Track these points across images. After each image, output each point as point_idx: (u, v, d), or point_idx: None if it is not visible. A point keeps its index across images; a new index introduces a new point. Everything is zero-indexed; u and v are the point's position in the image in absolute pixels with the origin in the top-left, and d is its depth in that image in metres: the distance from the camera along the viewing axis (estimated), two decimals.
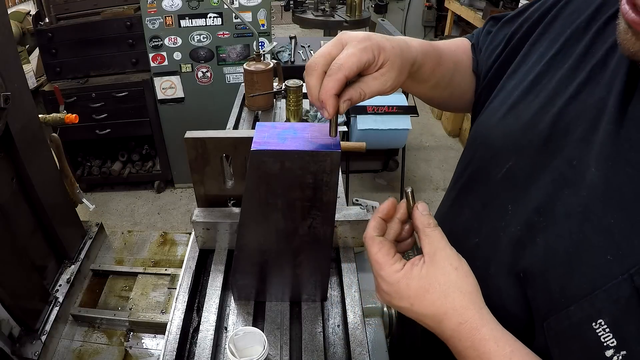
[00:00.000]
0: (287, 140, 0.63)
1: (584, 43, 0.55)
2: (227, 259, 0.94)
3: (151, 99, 2.82)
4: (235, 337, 0.72)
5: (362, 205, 1.14)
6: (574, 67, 0.54)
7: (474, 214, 0.64)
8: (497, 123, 0.62)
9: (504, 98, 0.63)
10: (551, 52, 0.58)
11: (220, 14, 2.59)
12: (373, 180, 3.45)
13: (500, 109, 0.63)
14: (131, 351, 1.61)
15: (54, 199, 1.65)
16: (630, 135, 0.45)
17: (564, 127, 0.52)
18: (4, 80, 1.32)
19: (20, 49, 2.52)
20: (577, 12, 0.58)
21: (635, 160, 0.44)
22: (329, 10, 3.76)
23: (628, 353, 0.40)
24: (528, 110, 0.57)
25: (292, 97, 1.49)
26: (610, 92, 0.48)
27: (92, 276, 1.86)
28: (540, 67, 0.59)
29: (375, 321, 0.98)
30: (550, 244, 0.49)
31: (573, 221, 0.47)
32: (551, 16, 0.62)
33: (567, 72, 0.55)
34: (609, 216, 0.44)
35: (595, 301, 0.43)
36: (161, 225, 2.96)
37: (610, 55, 0.51)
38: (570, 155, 0.50)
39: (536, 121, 0.55)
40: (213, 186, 0.94)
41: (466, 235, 0.64)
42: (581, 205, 0.47)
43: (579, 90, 0.52)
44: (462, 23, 4.55)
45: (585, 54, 0.54)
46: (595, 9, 0.56)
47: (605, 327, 0.42)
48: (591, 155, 0.48)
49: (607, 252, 0.43)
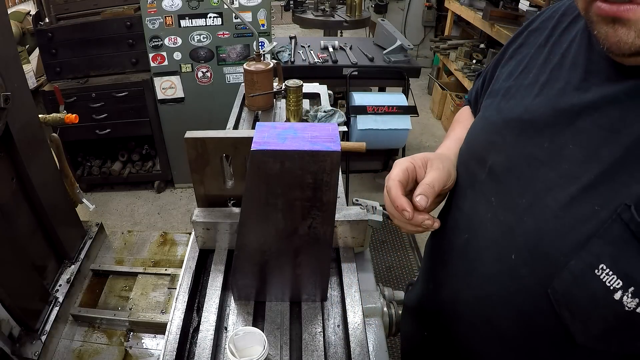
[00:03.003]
0: (287, 140, 0.63)
1: (544, 55, 0.64)
2: (227, 259, 0.94)
3: (151, 99, 2.82)
4: (235, 337, 0.72)
5: (362, 205, 1.14)
6: (537, 73, 0.63)
7: (462, 214, 0.69)
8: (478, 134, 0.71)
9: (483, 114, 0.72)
10: (518, 69, 0.67)
11: (220, 14, 2.59)
12: (373, 180, 3.45)
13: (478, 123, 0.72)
14: (131, 351, 1.61)
15: (54, 199, 1.65)
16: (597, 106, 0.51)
17: (530, 118, 0.59)
18: (4, 80, 1.32)
19: (20, 49, 2.52)
20: (538, 36, 0.67)
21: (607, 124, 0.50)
22: (329, 10, 3.76)
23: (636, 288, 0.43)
24: (500, 115, 0.65)
25: (292, 97, 1.49)
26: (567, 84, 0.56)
27: (92, 276, 1.86)
28: (510, 82, 0.67)
29: (375, 321, 0.98)
30: (539, 217, 0.53)
31: (557, 191, 0.52)
32: (517, 44, 0.71)
33: (531, 80, 0.63)
34: (590, 174, 0.49)
35: (592, 248, 0.46)
36: (161, 225, 2.96)
37: (565, 56, 0.59)
38: (541, 141, 0.56)
39: (508, 122, 0.63)
40: (213, 186, 0.94)
41: (455, 234, 0.69)
42: (563, 176, 0.52)
43: (541, 88, 0.60)
44: (462, 23, 4.55)
45: (545, 62, 0.62)
46: (552, 27, 0.65)
47: (607, 270, 0.45)
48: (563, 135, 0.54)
49: (594, 204, 0.48)
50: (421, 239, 2.85)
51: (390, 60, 2.96)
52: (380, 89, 3.38)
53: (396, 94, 2.94)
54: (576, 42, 0.59)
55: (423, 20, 5.10)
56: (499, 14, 3.33)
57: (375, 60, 2.98)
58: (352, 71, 2.88)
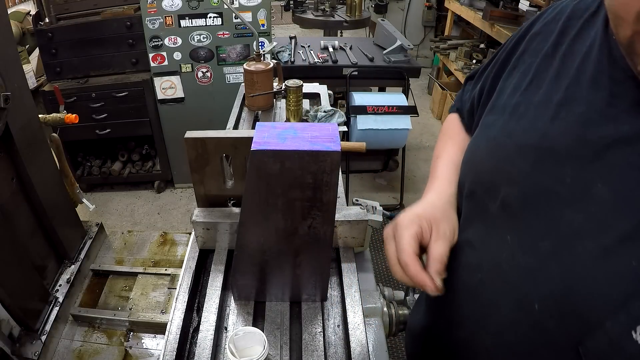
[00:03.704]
0: (287, 140, 0.63)
1: (554, 67, 0.57)
2: (227, 259, 0.94)
3: (151, 99, 2.82)
4: (235, 337, 0.72)
5: (362, 205, 1.14)
6: (549, 90, 0.56)
7: (473, 251, 0.64)
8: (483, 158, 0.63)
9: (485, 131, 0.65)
10: (524, 82, 0.61)
11: (220, 14, 2.59)
12: (373, 180, 3.45)
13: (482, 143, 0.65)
14: (131, 351, 1.61)
15: (54, 199, 1.65)
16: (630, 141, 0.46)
17: (549, 148, 0.52)
18: (4, 80, 1.32)
19: (20, 49, 2.52)
20: (542, 42, 0.61)
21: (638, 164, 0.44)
22: (329, 10, 3.76)
23: None
24: (510, 140, 0.58)
25: (292, 97, 1.49)
26: (590, 107, 0.50)
27: (92, 276, 1.86)
28: (517, 98, 0.61)
29: (375, 321, 0.98)
30: (567, 266, 0.48)
31: (587, 238, 0.47)
32: (520, 51, 0.65)
33: (543, 97, 0.56)
34: (627, 224, 0.44)
35: (630, 310, 0.42)
36: (161, 225, 2.96)
37: (581, 71, 0.53)
38: (561, 174, 0.50)
39: (521, 149, 0.56)
40: (213, 186, 0.94)
41: (468, 274, 0.64)
42: (593, 221, 0.46)
43: (558, 110, 0.53)
44: (462, 23, 4.55)
45: (557, 76, 0.56)
46: (559, 33, 0.59)
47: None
48: (589, 170, 0.48)
49: (632, 259, 0.43)
50: None
51: (390, 60, 2.96)
52: (380, 89, 3.38)
53: (396, 94, 2.94)
54: (594, 55, 0.53)
55: (423, 20, 5.10)
56: (499, 14, 3.33)
57: (375, 60, 2.98)
58: (352, 71, 2.89)
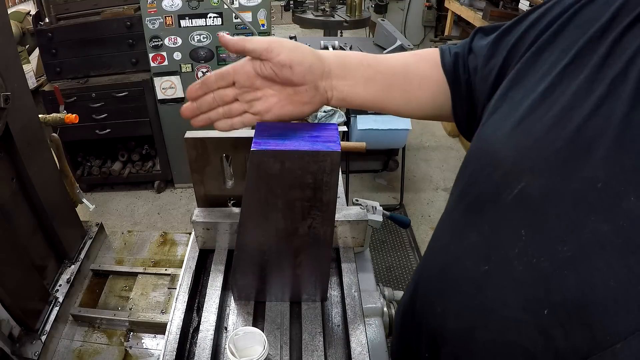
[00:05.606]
0: (287, 140, 0.63)
1: (600, 53, 0.51)
2: (227, 259, 0.94)
3: (151, 99, 2.82)
4: (235, 337, 0.72)
5: (362, 205, 1.14)
6: (591, 79, 0.50)
7: (482, 239, 0.59)
8: (504, 139, 0.56)
9: (510, 110, 0.58)
10: (563, 62, 0.54)
11: (220, 14, 2.59)
12: (373, 180, 3.45)
13: (506, 123, 0.58)
14: (131, 351, 1.61)
15: (54, 199, 1.65)
16: None
17: (584, 145, 0.48)
18: (4, 80, 1.32)
19: (20, 49, 2.52)
20: (591, 21, 0.55)
21: None
22: (329, 10, 3.76)
23: None
24: (541, 124, 0.53)
25: None
26: (635, 108, 0.46)
27: (92, 276, 1.86)
28: (552, 77, 0.55)
29: (375, 321, 0.98)
30: (585, 277, 0.45)
31: (611, 253, 0.44)
32: (560, 24, 0.58)
33: (584, 84, 0.51)
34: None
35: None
36: (161, 225, 2.96)
37: (630, 67, 0.48)
38: (593, 177, 0.46)
39: (552, 137, 0.51)
40: (213, 186, 0.94)
41: (474, 262, 0.60)
42: (620, 236, 0.43)
43: (598, 104, 0.48)
44: (462, 23, 4.55)
45: (603, 65, 0.50)
46: (611, 17, 0.53)
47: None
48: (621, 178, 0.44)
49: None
50: (421, 239, 2.85)
51: None
52: None
53: None
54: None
55: (423, 20, 5.10)
56: (499, 14, 3.34)
57: None
58: None
